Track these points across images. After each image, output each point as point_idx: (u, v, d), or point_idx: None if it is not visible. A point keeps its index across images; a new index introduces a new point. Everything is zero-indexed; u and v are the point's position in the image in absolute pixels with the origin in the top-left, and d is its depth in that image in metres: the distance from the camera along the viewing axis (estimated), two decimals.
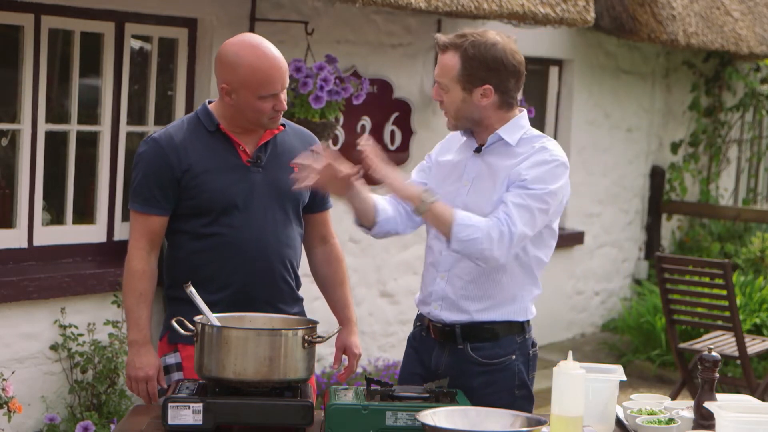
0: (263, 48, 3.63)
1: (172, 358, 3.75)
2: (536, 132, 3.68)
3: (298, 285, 3.88)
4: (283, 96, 3.68)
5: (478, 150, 3.70)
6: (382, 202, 3.78)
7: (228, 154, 3.72)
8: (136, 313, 3.75)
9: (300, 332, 3.34)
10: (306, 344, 3.33)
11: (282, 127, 3.79)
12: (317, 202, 3.90)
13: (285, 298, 3.79)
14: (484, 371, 3.65)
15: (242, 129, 3.72)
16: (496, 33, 3.64)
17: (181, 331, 3.41)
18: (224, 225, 3.69)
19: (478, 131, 3.70)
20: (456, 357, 3.68)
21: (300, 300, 3.89)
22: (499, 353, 3.66)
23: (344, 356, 3.96)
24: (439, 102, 3.70)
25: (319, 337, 3.39)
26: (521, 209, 3.51)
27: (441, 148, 3.88)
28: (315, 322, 3.51)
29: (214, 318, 3.38)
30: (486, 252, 3.48)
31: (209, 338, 3.31)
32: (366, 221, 3.76)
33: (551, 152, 3.60)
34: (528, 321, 3.73)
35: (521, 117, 3.70)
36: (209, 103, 3.80)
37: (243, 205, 3.70)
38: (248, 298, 3.67)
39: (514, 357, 3.67)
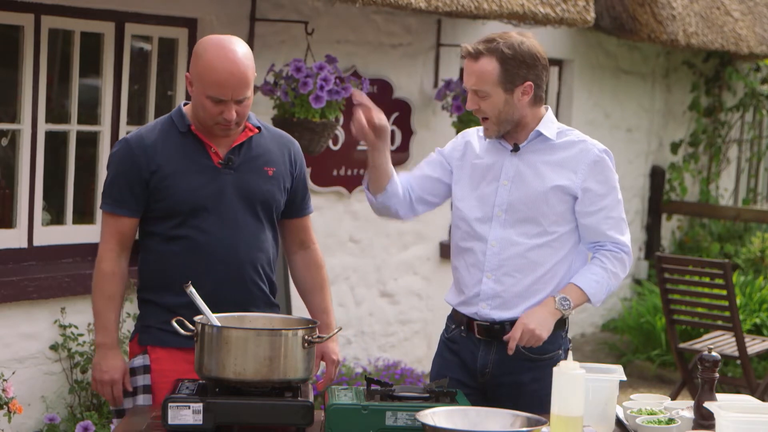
0: (229, 51, 3.56)
1: (139, 360, 3.72)
2: (565, 126, 3.82)
3: (273, 290, 3.81)
4: (239, 110, 3.59)
5: (516, 149, 3.74)
6: (396, 176, 3.84)
7: (198, 155, 3.67)
8: (105, 316, 3.76)
9: (300, 332, 3.33)
10: (306, 344, 3.33)
11: (257, 130, 3.74)
12: (296, 207, 3.86)
13: (257, 303, 3.73)
14: (533, 366, 3.71)
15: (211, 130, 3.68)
16: (516, 32, 3.72)
17: (181, 331, 3.39)
18: (193, 227, 3.65)
19: (513, 133, 3.75)
20: (505, 354, 3.70)
21: (276, 306, 3.82)
22: (549, 348, 3.72)
23: (322, 363, 3.88)
24: (474, 110, 3.71)
25: (318, 337, 3.39)
26: (614, 228, 3.74)
27: (459, 147, 3.89)
28: (315, 322, 3.51)
29: (214, 318, 3.38)
30: (621, 280, 3.78)
31: (209, 338, 3.31)
32: (376, 186, 3.81)
33: (595, 146, 3.77)
34: (568, 317, 3.79)
35: (550, 112, 3.80)
36: (185, 105, 3.76)
37: (212, 207, 3.65)
38: (218, 302, 3.56)
39: (560, 352, 3.76)
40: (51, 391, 5.74)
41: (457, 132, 7.76)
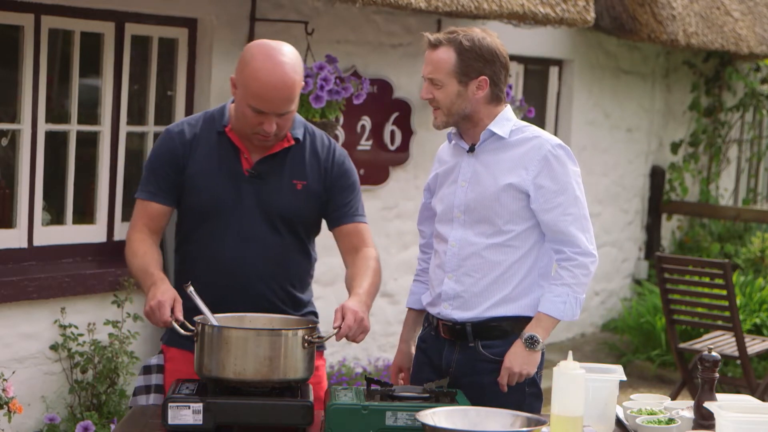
0: (277, 63, 3.43)
1: (154, 359, 3.68)
2: (522, 123, 3.76)
3: (298, 306, 3.69)
4: (280, 122, 3.48)
5: (471, 150, 3.73)
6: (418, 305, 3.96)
7: (229, 158, 3.58)
8: (144, 264, 3.55)
9: (300, 332, 3.33)
10: (306, 344, 3.32)
11: (293, 141, 3.61)
12: (341, 215, 3.70)
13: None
14: (495, 368, 3.69)
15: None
16: (480, 29, 3.72)
17: (181, 331, 3.38)
18: (206, 232, 3.59)
19: (466, 129, 3.75)
20: (467, 355, 3.72)
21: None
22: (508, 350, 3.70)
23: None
24: (429, 100, 3.72)
25: (319, 337, 3.39)
26: (573, 224, 3.65)
27: (435, 165, 3.92)
28: (315, 322, 3.50)
29: (213, 318, 3.38)
30: (589, 283, 3.70)
31: (209, 338, 3.30)
32: None
33: (548, 141, 3.69)
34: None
35: (507, 110, 3.76)
36: (232, 102, 3.65)
37: (228, 214, 3.57)
38: (223, 311, 3.49)
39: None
40: (51, 391, 5.74)
41: None
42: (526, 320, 3.71)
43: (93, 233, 6.12)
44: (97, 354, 5.74)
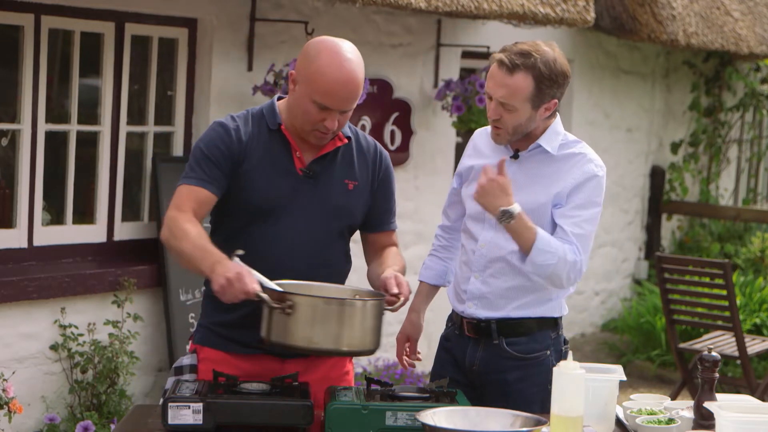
0: (345, 60, 3.42)
1: (187, 359, 3.58)
2: (571, 137, 3.75)
3: None
4: (341, 119, 3.45)
5: (515, 156, 3.73)
6: (440, 270, 4.00)
7: (283, 157, 3.51)
8: (201, 243, 3.34)
9: (370, 303, 3.32)
10: (375, 315, 3.32)
11: (346, 140, 3.58)
12: (376, 221, 3.69)
13: None
14: (519, 365, 3.70)
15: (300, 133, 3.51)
16: (543, 43, 3.67)
17: (267, 299, 3.21)
18: (258, 231, 3.50)
19: (517, 139, 3.73)
20: (491, 352, 3.73)
21: None
22: (535, 348, 3.72)
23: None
24: (494, 119, 3.66)
25: (386, 307, 3.37)
26: (582, 239, 3.64)
27: (469, 152, 3.90)
28: (383, 295, 3.46)
29: (274, 285, 3.29)
30: (555, 279, 3.61)
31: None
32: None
33: (594, 163, 3.70)
34: (561, 317, 3.79)
35: (557, 123, 3.75)
36: (278, 99, 3.60)
37: (282, 214, 3.49)
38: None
39: (548, 352, 3.74)
40: (51, 391, 5.74)
41: (457, 132, 7.78)
42: (551, 320, 3.74)
43: (93, 233, 6.12)
44: (97, 354, 5.74)
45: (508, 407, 3.19)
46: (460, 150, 7.83)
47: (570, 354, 3.17)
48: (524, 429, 2.97)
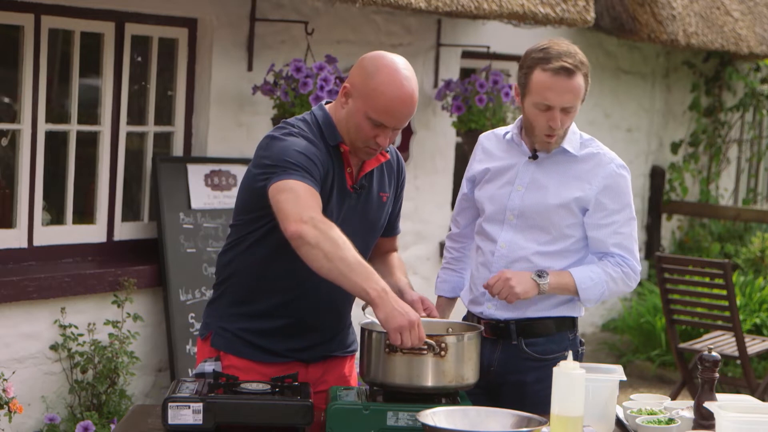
0: (404, 78, 3.40)
1: (210, 366, 3.44)
2: (585, 135, 3.79)
3: (345, 321, 3.64)
4: (392, 136, 3.42)
5: (534, 156, 3.73)
6: (454, 284, 3.99)
7: (339, 173, 3.45)
8: (361, 260, 3.21)
9: (471, 337, 3.34)
10: (474, 350, 3.34)
11: (388, 156, 3.55)
12: (389, 227, 3.68)
13: (348, 330, 3.63)
14: (537, 366, 3.71)
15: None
16: (559, 40, 3.69)
17: (437, 349, 3.25)
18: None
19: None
20: (510, 353, 3.74)
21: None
22: (554, 349, 3.73)
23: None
24: (553, 129, 3.64)
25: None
26: (624, 245, 3.70)
27: (477, 156, 3.89)
28: (480, 328, 3.49)
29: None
30: (617, 294, 3.75)
31: (377, 344, 3.29)
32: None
33: (614, 163, 3.73)
34: (578, 318, 3.80)
35: (573, 124, 3.77)
36: (326, 103, 3.54)
37: None
38: (308, 326, 3.47)
39: (566, 353, 3.71)
40: (51, 391, 5.74)
41: (457, 132, 7.77)
42: (570, 320, 3.76)
43: (93, 233, 6.12)
44: (97, 354, 5.74)
45: (525, 409, 3.18)
46: (460, 150, 7.83)
47: (570, 354, 3.17)
48: (524, 429, 2.97)
